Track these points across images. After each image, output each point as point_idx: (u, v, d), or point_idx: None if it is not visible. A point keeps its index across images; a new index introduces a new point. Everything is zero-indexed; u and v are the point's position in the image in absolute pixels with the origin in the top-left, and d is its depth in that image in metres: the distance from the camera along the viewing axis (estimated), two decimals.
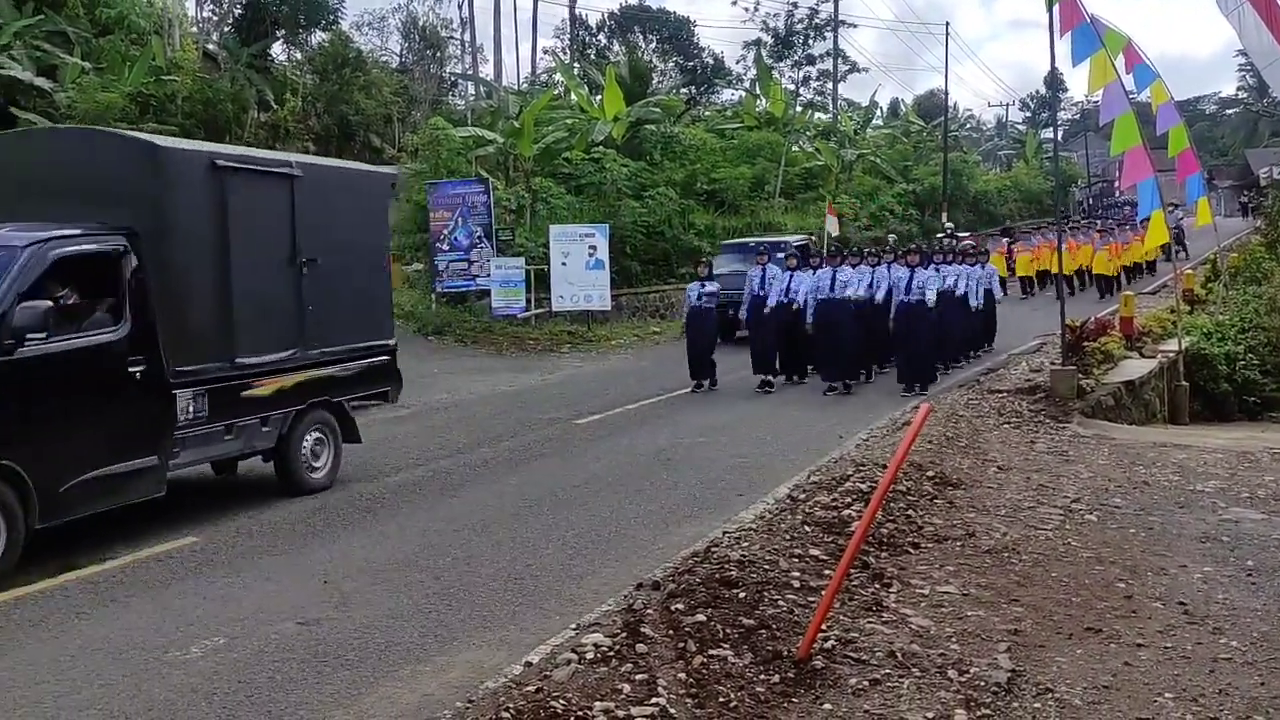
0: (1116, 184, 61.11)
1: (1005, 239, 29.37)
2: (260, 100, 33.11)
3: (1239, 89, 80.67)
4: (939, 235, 29.36)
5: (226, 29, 36.03)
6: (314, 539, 7.14)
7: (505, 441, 10.69)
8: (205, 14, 36.83)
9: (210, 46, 33.96)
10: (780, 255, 15.67)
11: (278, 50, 38.23)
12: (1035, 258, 26.25)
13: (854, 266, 14.00)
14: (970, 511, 7.27)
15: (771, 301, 13.96)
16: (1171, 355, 14.48)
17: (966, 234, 30.36)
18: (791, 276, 14.06)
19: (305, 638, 5.25)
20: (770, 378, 13.96)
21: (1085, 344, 13.09)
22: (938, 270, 14.36)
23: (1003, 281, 19.81)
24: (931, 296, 13.48)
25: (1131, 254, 26.53)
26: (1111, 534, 6.82)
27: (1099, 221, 31.37)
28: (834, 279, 13.58)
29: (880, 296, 13.63)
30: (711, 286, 14.42)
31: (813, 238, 19.70)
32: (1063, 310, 12.93)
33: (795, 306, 13.74)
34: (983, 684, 4.42)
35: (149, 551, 6.80)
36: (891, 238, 29.93)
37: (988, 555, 6.26)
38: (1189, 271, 22.19)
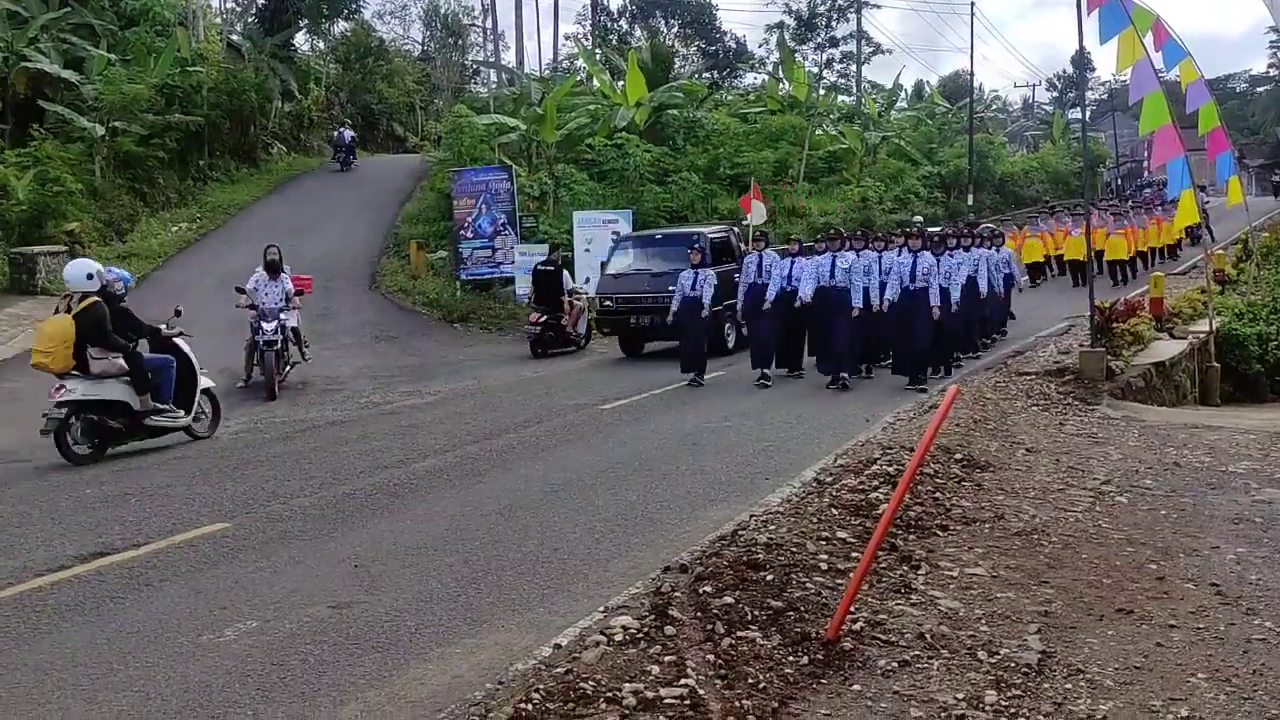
0: (1145, 163, 60.47)
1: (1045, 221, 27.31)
2: (284, 90, 33.31)
3: (1270, 66, 79.46)
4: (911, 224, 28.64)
5: (250, 19, 36.25)
6: (343, 524, 7.20)
7: (531, 427, 10.72)
8: (229, 5, 37.13)
9: (234, 37, 34.19)
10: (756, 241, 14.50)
11: (301, 40, 38.52)
12: (1045, 243, 25.12)
13: (857, 252, 13.01)
14: (999, 494, 7.23)
15: (772, 293, 13.07)
16: (1202, 336, 14.34)
17: (941, 223, 28.59)
18: (793, 263, 13.29)
19: (337, 621, 5.30)
20: (768, 371, 13.18)
21: (1115, 325, 12.97)
22: (951, 256, 13.28)
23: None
24: (955, 294, 12.74)
25: (1148, 238, 25.46)
26: (1142, 515, 6.76)
27: (1117, 203, 30.18)
28: (834, 265, 12.83)
29: (891, 293, 12.65)
30: (704, 276, 13.50)
31: (734, 229, 17.94)
32: (1091, 291, 12.81)
33: (799, 299, 12.92)
34: (1013, 665, 4.41)
35: (182, 537, 6.88)
36: (918, 220, 29.23)
37: (1017, 537, 6.23)
38: (1219, 252, 21.87)
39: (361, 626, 5.21)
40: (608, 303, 16.38)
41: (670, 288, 14.03)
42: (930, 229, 16.71)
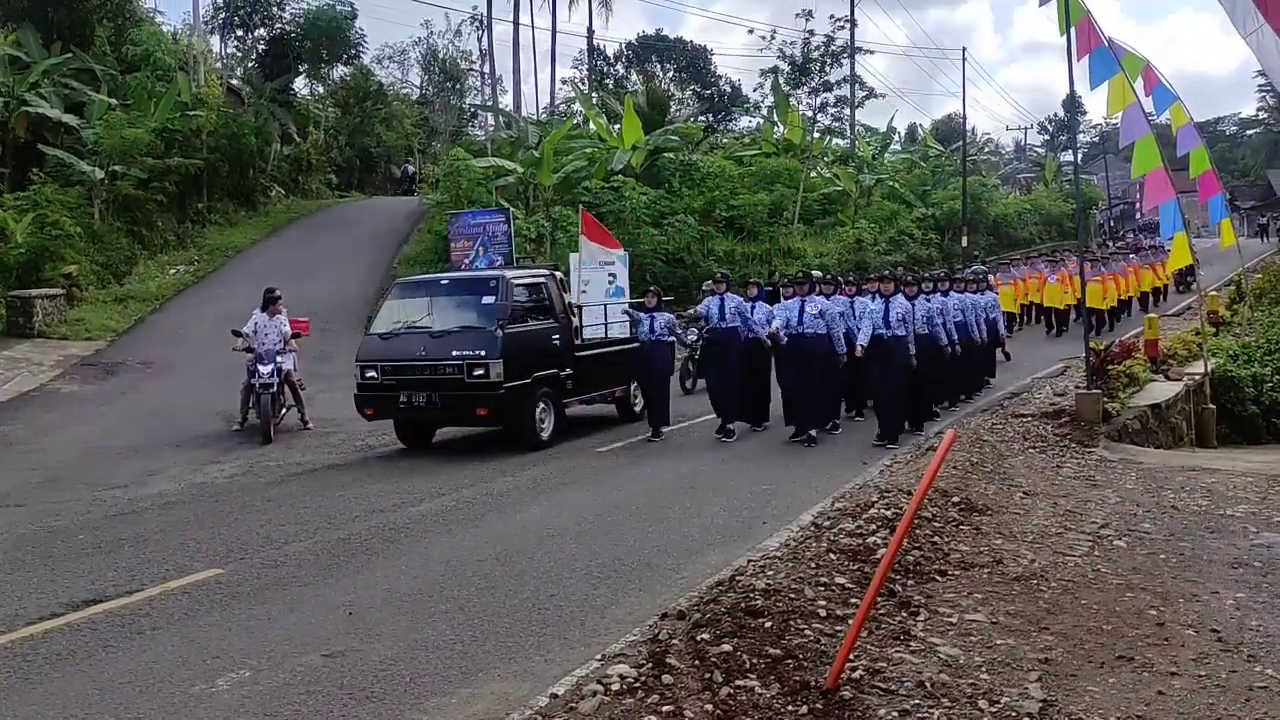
0: (1138, 206, 60.95)
1: (1018, 267, 26.20)
2: (283, 133, 33.58)
3: (1259, 109, 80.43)
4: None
5: (250, 64, 36.60)
6: (337, 570, 7.15)
7: (528, 470, 10.68)
8: (229, 50, 37.44)
9: (234, 82, 34.50)
10: (716, 283, 13.04)
11: (300, 84, 38.86)
12: (1018, 290, 23.78)
13: (828, 296, 12.11)
14: (997, 538, 7.20)
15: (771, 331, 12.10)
16: (1197, 378, 14.36)
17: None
18: (753, 308, 12.65)
19: (331, 670, 5.25)
20: (731, 426, 12.32)
21: (1110, 367, 12.99)
22: (928, 301, 12.80)
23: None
24: (943, 338, 12.58)
25: (1127, 287, 24.58)
26: (1141, 560, 6.74)
27: (1093, 250, 27.97)
28: (802, 310, 11.85)
29: (863, 338, 11.75)
30: (664, 318, 12.88)
31: (555, 272, 13.71)
32: (1087, 333, 12.87)
33: (769, 343, 12.30)
34: (1014, 714, 4.36)
35: (175, 584, 6.83)
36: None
37: (1016, 582, 6.19)
38: (1213, 294, 21.98)
39: (356, 676, 5.16)
40: (370, 373, 11.97)
41: (457, 352, 11.39)
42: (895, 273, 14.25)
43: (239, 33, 36.61)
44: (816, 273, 14.60)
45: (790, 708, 4.38)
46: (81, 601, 6.47)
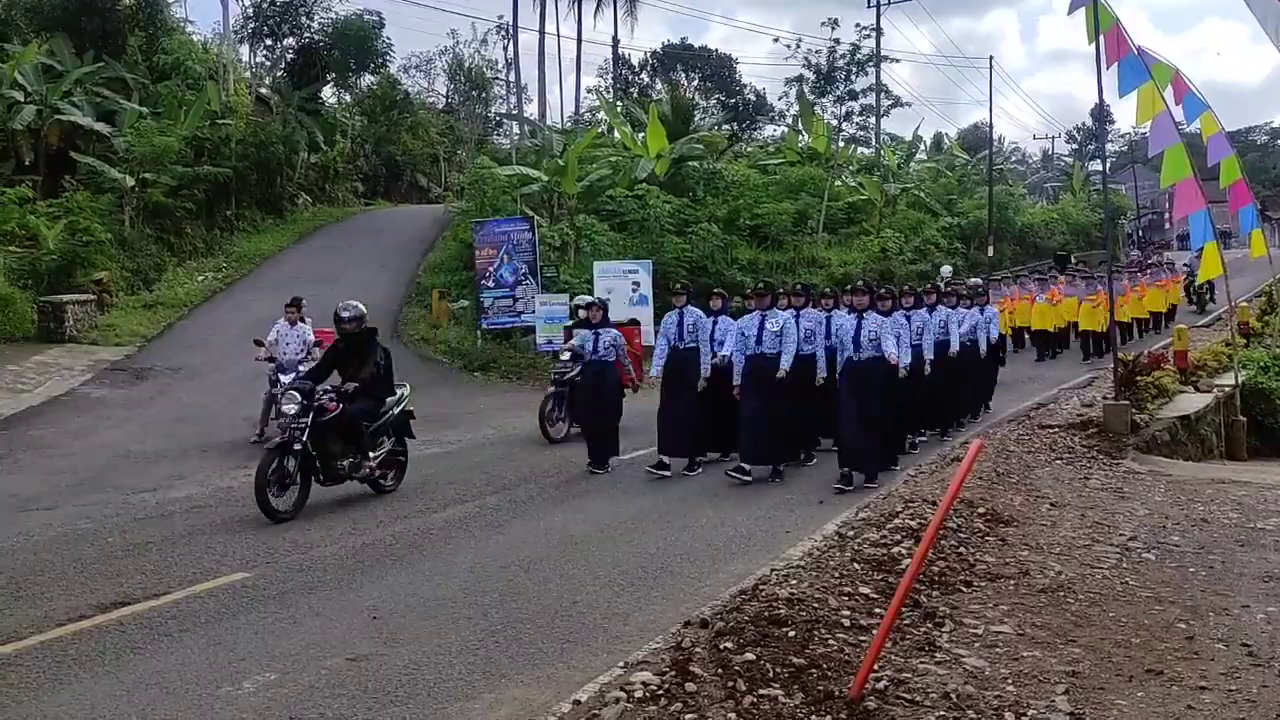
0: (1167, 216, 60.40)
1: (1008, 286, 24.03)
2: (310, 142, 33.89)
3: None
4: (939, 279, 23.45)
5: (279, 73, 36.93)
6: (362, 575, 7.18)
7: (551, 477, 10.70)
8: (259, 59, 37.82)
9: (263, 90, 34.86)
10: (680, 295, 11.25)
11: (328, 93, 39.21)
12: (1009, 310, 21.41)
13: (797, 310, 10.76)
14: (1023, 549, 7.14)
15: (707, 364, 10.68)
16: (1228, 389, 14.20)
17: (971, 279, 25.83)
18: (715, 323, 10.90)
19: (355, 674, 5.27)
20: (666, 460, 10.66)
21: (1139, 378, 12.87)
22: (908, 318, 11.44)
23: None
24: (928, 346, 11.54)
25: (1129, 308, 21.96)
26: (1170, 573, 6.66)
27: (1085, 268, 26.02)
28: (762, 327, 10.33)
29: (840, 359, 10.39)
30: (609, 336, 11.37)
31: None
32: (1115, 343, 12.76)
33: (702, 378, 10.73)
34: None
35: (202, 587, 6.88)
36: (946, 270, 28.48)
37: (1043, 594, 6.14)
38: (1243, 304, 21.66)
39: (380, 680, 5.18)
40: None
41: None
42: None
43: (268, 42, 36.99)
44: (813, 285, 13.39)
45: (814, 717, 4.36)
46: (110, 604, 6.53)
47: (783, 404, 10.21)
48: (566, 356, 12.88)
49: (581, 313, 12.34)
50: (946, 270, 28.16)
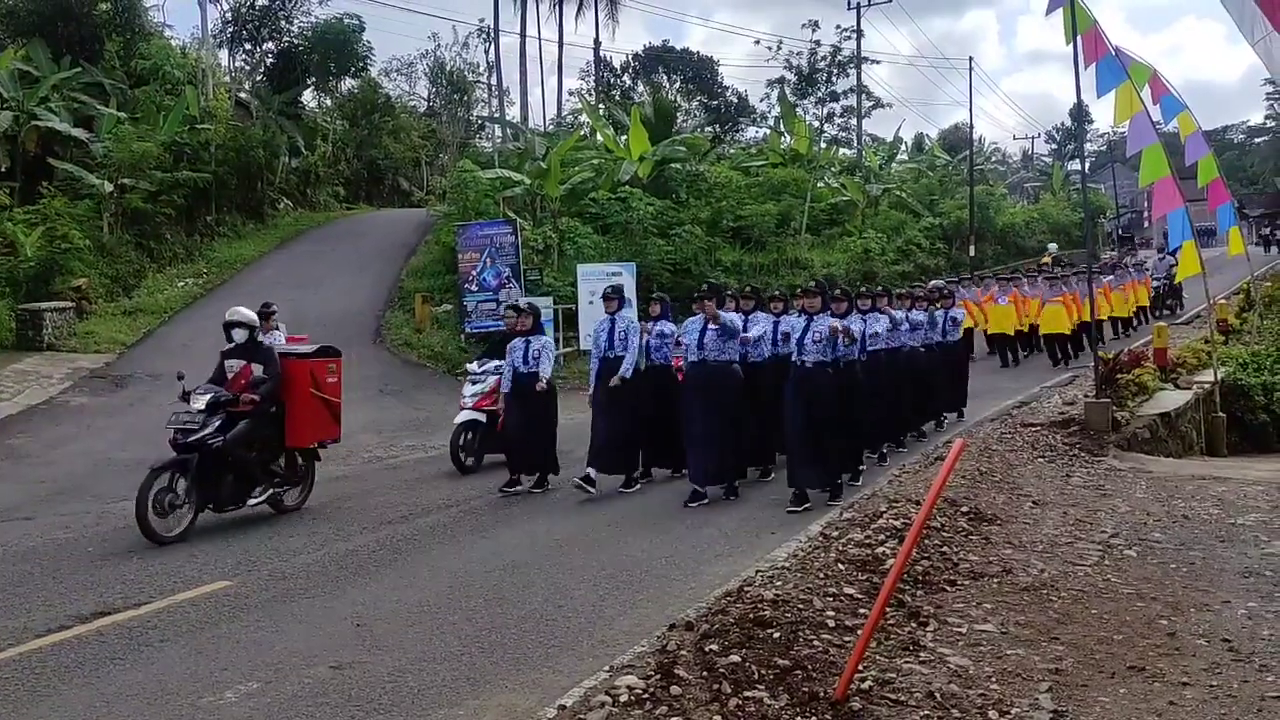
0: (1145, 214, 60.80)
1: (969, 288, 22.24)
2: (291, 146, 33.75)
3: (1267, 117, 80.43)
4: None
5: (259, 78, 36.77)
6: (345, 582, 7.14)
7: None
8: (238, 63, 37.64)
9: (243, 95, 34.67)
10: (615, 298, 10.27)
11: (308, 97, 39.06)
12: (970, 314, 18.80)
13: (747, 313, 10.29)
14: (1006, 547, 7.16)
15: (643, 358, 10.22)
16: (1207, 386, 14.30)
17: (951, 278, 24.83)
18: (655, 324, 10.30)
19: (338, 682, 5.24)
20: (592, 474, 9.79)
21: (1119, 376, 12.95)
22: (863, 319, 10.68)
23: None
24: (880, 328, 10.74)
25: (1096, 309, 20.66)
26: (1152, 569, 6.70)
27: (1049, 266, 25.06)
28: (704, 330, 9.48)
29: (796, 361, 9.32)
30: (540, 341, 10.35)
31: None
32: (1094, 343, 12.83)
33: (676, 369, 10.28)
34: None
35: (183, 596, 6.82)
36: (1052, 246, 27.01)
37: (1026, 592, 6.16)
38: (1222, 302, 21.81)
39: (363, 687, 5.15)
40: None
41: None
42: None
43: (247, 46, 36.83)
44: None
45: (799, 719, 4.36)
46: (89, 614, 6.47)
47: (730, 415, 9.41)
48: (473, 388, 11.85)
49: (508, 322, 11.07)
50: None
